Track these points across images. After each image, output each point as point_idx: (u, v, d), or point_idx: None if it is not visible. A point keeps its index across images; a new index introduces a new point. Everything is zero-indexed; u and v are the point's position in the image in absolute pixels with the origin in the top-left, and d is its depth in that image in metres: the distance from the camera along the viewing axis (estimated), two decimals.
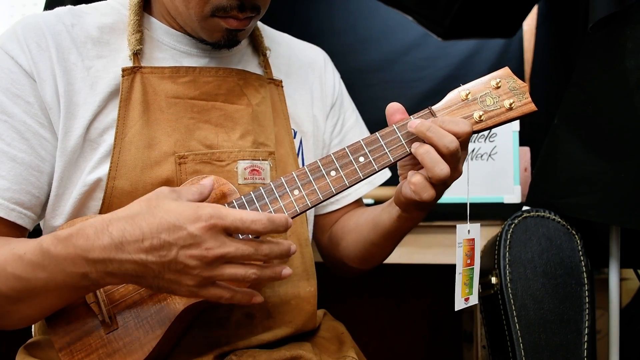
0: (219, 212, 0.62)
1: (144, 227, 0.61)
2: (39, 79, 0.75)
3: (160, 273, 0.63)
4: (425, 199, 0.70)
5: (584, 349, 0.93)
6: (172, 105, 0.80)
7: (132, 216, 0.62)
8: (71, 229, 0.64)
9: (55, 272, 0.64)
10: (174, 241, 0.61)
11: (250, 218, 0.62)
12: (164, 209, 0.62)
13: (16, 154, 0.74)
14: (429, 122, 0.70)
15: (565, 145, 1.00)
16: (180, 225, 0.61)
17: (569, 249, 0.97)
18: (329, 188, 0.72)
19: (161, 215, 0.61)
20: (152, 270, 0.62)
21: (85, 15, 0.81)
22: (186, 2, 0.76)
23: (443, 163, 0.68)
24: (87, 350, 0.71)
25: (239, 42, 0.83)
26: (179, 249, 0.61)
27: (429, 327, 1.77)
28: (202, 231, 0.61)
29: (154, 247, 0.61)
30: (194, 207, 0.62)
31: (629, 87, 0.92)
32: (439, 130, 0.69)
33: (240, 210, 0.63)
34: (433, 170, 0.68)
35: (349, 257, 0.94)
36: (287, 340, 0.84)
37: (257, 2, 0.77)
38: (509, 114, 0.73)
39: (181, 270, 0.62)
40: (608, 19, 0.95)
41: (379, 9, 2.10)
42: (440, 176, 0.68)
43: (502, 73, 0.76)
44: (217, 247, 0.62)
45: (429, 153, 0.69)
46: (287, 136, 0.90)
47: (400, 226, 0.82)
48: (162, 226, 0.61)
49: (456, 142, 0.68)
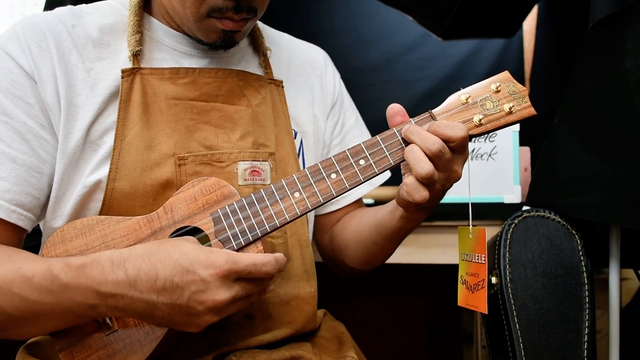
0: (232, 258, 0.64)
1: (159, 267, 0.62)
2: (39, 80, 0.75)
3: (170, 315, 0.64)
4: (417, 200, 0.70)
5: (584, 349, 0.93)
6: (171, 106, 0.80)
7: (150, 255, 0.63)
8: (85, 259, 0.65)
9: (63, 299, 0.65)
10: (186, 285, 0.62)
11: (261, 261, 0.65)
12: (180, 251, 0.63)
13: (16, 156, 0.73)
14: (414, 126, 0.71)
15: (565, 145, 1.00)
16: (193, 270, 0.62)
17: (569, 249, 0.97)
18: (330, 191, 0.72)
19: (176, 258, 0.63)
20: (161, 311, 0.64)
21: (85, 16, 0.81)
22: (182, 2, 0.76)
23: (425, 162, 0.69)
24: (87, 351, 0.71)
25: (236, 43, 0.83)
26: (191, 293, 0.62)
27: (429, 327, 1.77)
28: (214, 278, 0.63)
29: (166, 289, 0.62)
30: (207, 252, 0.64)
31: (629, 87, 0.92)
32: (421, 133, 0.70)
33: (251, 255, 0.65)
34: (415, 168, 0.69)
35: (350, 258, 0.94)
36: (287, 341, 0.84)
37: (253, 3, 0.76)
38: (509, 117, 0.74)
39: (192, 314, 0.64)
40: (608, 19, 0.95)
41: (379, 9, 2.10)
42: (422, 174, 0.69)
43: (502, 77, 0.76)
44: (227, 293, 0.64)
45: (413, 152, 0.70)
46: (288, 137, 0.90)
47: (403, 227, 0.82)
48: (175, 269, 0.62)
49: (439, 144, 0.69)
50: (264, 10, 0.81)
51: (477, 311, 0.75)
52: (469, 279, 0.77)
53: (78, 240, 0.73)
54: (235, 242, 0.71)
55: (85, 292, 0.63)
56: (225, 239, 0.71)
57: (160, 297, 0.62)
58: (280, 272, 0.71)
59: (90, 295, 0.63)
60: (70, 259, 0.65)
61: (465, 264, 0.78)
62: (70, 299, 0.64)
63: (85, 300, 0.64)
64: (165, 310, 0.63)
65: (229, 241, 0.71)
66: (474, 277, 0.76)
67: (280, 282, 0.84)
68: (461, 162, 0.73)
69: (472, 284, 0.76)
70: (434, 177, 0.70)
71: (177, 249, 0.64)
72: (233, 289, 0.64)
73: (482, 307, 0.74)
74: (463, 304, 0.78)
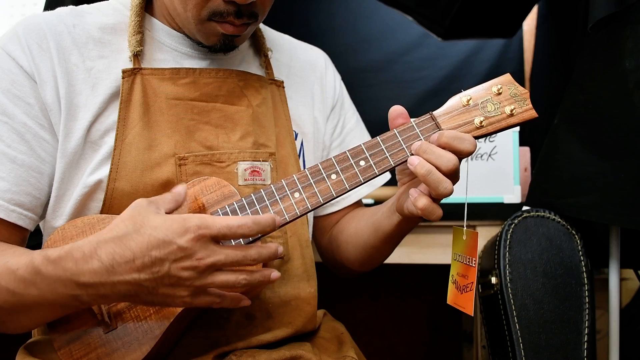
0: (205, 222, 0.62)
1: (134, 246, 0.61)
2: (39, 80, 0.75)
3: (154, 289, 0.63)
4: (434, 219, 0.71)
5: (584, 349, 0.93)
6: (172, 106, 0.80)
7: (120, 237, 0.62)
8: (60, 251, 0.64)
9: (46, 291, 0.65)
10: (165, 256, 0.61)
11: (236, 223, 0.63)
12: (151, 225, 0.62)
13: (16, 156, 0.74)
14: (425, 144, 0.71)
15: (565, 145, 1.00)
16: (169, 240, 0.61)
17: (569, 249, 0.97)
18: (330, 191, 0.72)
19: (149, 233, 0.62)
20: (145, 287, 0.63)
21: (86, 16, 0.81)
22: (184, 4, 0.76)
23: (447, 181, 0.69)
24: (85, 350, 0.71)
25: (235, 47, 0.83)
26: (171, 263, 0.62)
27: (429, 327, 1.77)
28: (191, 243, 0.62)
29: (146, 265, 0.61)
30: (180, 220, 0.62)
31: (629, 87, 0.92)
32: (435, 150, 0.70)
33: (225, 217, 0.64)
34: (438, 189, 0.69)
35: (348, 259, 0.94)
36: (287, 341, 0.84)
37: (254, 9, 0.76)
38: (510, 120, 0.74)
39: (175, 283, 0.63)
40: (608, 19, 0.95)
41: (379, 9, 2.10)
42: (446, 194, 0.69)
43: (504, 79, 0.76)
44: (208, 256, 0.62)
45: (432, 174, 0.69)
46: (289, 137, 0.90)
47: (402, 230, 0.83)
48: (151, 244, 0.61)
49: (454, 160, 0.69)
50: (265, 15, 0.81)
51: (463, 312, 0.75)
52: (459, 280, 0.77)
53: (79, 238, 0.73)
54: (234, 242, 0.71)
55: (66, 283, 0.63)
56: None
57: (142, 274, 0.62)
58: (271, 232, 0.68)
59: (70, 286, 0.63)
60: (49, 250, 0.65)
61: (457, 264, 0.78)
62: (53, 290, 0.64)
63: (68, 291, 0.64)
64: (148, 285, 0.63)
65: (228, 241, 0.71)
66: (463, 278, 0.76)
67: (280, 282, 0.84)
68: None
69: (461, 284, 0.77)
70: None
71: (147, 224, 0.62)
72: (214, 253, 0.63)
73: (469, 309, 0.74)
74: (452, 302, 0.78)
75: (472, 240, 0.77)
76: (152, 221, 0.63)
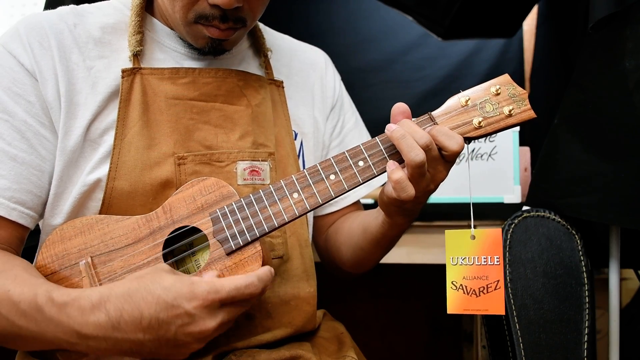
0: (214, 287, 0.63)
1: (142, 306, 0.61)
2: (40, 78, 0.75)
3: (157, 349, 0.63)
4: (403, 197, 0.70)
5: (584, 349, 0.93)
6: (171, 106, 0.80)
7: (130, 294, 0.62)
8: (67, 296, 0.63)
9: (46, 331, 0.64)
10: (172, 320, 0.61)
11: (243, 283, 0.64)
12: (162, 286, 0.62)
13: (17, 154, 0.74)
14: (402, 131, 0.70)
15: (565, 145, 1.00)
16: (177, 305, 0.61)
17: (569, 249, 0.97)
18: (328, 192, 0.72)
19: (159, 294, 0.61)
20: (148, 347, 0.63)
21: (87, 15, 0.81)
22: (172, 5, 0.76)
23: (419, 150, 0.69)
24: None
25: (225, 50, 0.83)
26: (177, 327, 0.62)
27: (429, 327, 1.77)
28: (199, 310, 0.62)
29: (152, 326, 0.61)
30: (189, 284, 0.62)
31: (629, 87, 0.92)
32: (412, 125, 0.71)
33: (233, 279, 0.65)
34: (409, 155, 0.69)
35: (341, 260, 0.95)
36: (286, 341, 0.84)
37: (241, 14, 0.76)
38: (508, 120, 0.74)
39: (179, 344, 0.63)
40: (608, 19, 0.95)
41: (379, 9, 2.10)
42: (417, 161, 0.69)
43: (502, 80, 0.76)
44: (213, 321, 0.63)
45: (405, 138, 0.69)
46: (288, 137, 0.90)
47: (385, 233, 0.82)
48: (159, 305, 0.61)
49: (428, 139, 0.69)
50: (254, 21, 0.80)
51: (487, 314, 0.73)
52: (468, 283, 0.76)
53: (77, 239, 0.73)
54: (233, 242, 0.71)
55: (67, 330, 0.62)
56: (224, 239, 0.71)
57: (147, 335, 0.61)
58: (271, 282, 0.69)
59: (71, 334, 0.62)
60: (55, 292, 0.64)
61: (460, 267, 0.76)
62: (52, 332, 0.63)
63: (67, 338, 0.63)
64: (151, 346, 0.63)
65: (227, 241, 0.71)
66: (478, 280, 0.75)
67: (279, 282, 0.84)
68: (448, 166, 0.74)
69: (476, 287, 0.75)
70: (425, 168, 0.70)
71: (157, 284, 0.62)
72: (219, 316, 0.63)
73: (498, 309, 0.72)
74: (460, 310, 0.75)
75: (490, 239, 0.75)
76: (164, 281, 0.63)
